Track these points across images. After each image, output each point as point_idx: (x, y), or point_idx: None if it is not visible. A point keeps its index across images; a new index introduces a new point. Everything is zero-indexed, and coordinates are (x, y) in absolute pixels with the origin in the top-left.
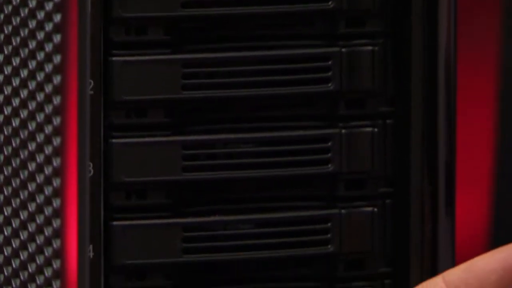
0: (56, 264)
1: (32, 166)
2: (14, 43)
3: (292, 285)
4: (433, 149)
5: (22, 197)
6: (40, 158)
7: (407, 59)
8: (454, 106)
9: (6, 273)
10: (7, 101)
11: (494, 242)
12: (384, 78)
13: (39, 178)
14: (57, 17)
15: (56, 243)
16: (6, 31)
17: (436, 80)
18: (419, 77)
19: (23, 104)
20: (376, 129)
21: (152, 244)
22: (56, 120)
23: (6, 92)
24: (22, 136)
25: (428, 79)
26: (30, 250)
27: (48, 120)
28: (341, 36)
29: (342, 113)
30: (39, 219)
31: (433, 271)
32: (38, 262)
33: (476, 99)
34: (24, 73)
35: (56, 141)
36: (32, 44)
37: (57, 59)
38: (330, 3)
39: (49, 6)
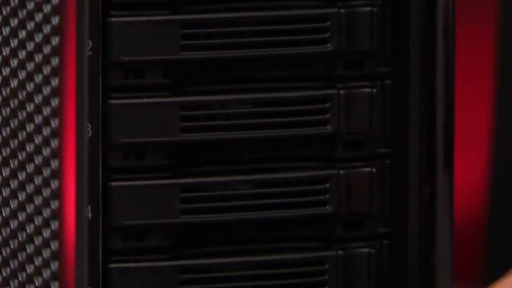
0: (54, 225)
1: (30, 127)
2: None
3: (290, 246)
4: (431, 110)
5: (20, 158)
6: (38, 119)
7: (406, 20)
8: (453, 66)
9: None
10: (5, 62)
11: (493, 203)
12: (383, 39)
13: (37, 139)
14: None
15: (54, 204)
16: None
17: (434, 40)
18: (417, 38)
19: (21, 65)
20: (374, 90)
21: (151, 204)
22: (54, 81)
23: (4, 53)
24: (20, 97)
25: (427, 40)
26: (28, 211)
27: (46, 81)
28: None
29: (340, 74)
30: (37, 180)
31: (431, 232)
32: (36, 223)
33: (474, 59)
34: (22, 34)
35: (54, 102)
36: (31, 5)
37: (55, 20)
38: None
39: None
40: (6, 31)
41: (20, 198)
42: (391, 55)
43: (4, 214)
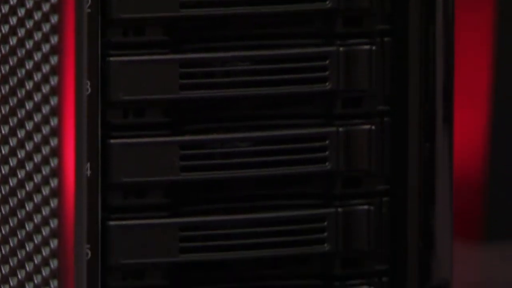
0: (53, 182)
1: (29, 85)
2: None
3: (289, 203)
4: (431, 67)
5: (19, 116)
6: (37, 77)
7: None
8: (452, 23)
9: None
10: (5, 19)
11: (492, 160)
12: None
13: (36, 97)
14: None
15: (53, 162)
16: None
17: None
18: None
19: (20, 22)
20: (374, 47)
21: (150, 162)
22: (53, 39)
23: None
24: (18, 55)
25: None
26: (27, 168)
27: (45, 39)
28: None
29: (339, 31)
30: (37, 138)
31: (431, 189)
32: (35, 180)
33: (474, 15)
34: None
35: (54, 60)
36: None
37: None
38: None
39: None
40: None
41: (19, 156)
42: (390, 11)
43: (3, 172)
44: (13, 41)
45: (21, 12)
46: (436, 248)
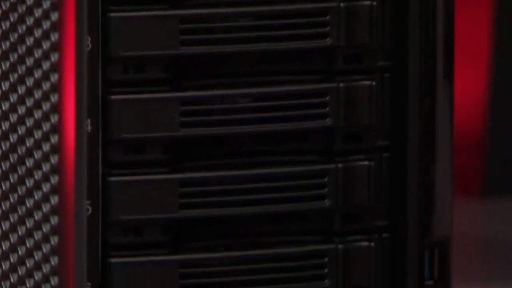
0: (54, 139)
1: (30, 41)
2: None
3: (289, 159)
4: (431, 21)
5: (19, 72)
6: (38, 33)
7: None
8: None
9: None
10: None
11: (493, 116)
12: None
13: (37, 53)
14: None
15: (54, 118)
16: None
17: None
18: None
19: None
20: (374, 3)
21: (150, 117)
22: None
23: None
24: (19, 11)
25: None
26: (28, 124)
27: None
28: None
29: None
30: (37, 94)
31: (431, 145)
32: (36, 137)
33: None
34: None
35: (54, 16)
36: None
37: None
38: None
39: None
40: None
41: (19, 112)
42: None
43: (3, 128)
44: None
45: None
46: (436, 203)
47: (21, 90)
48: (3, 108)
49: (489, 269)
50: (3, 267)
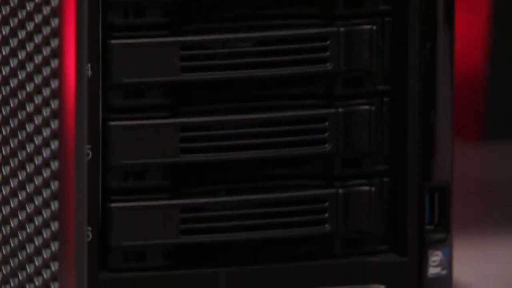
0: (54, 83)
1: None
2: None
3: (290, 104)
4: None
5: (20, 16)
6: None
7: None
8: None
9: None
10: None
11: (493, 60)
12: None
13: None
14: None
15: (54, 63)
16: None
17: None
18: None
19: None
20: None
21: (151, 63)
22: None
23: None
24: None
25: None
26: (28, 69)
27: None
28: None
29: None
30: (37, 39)
31: (431, 89)
32: (36, 81)
33: None
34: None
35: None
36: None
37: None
38: None
39: None
40: None
41: (20, 57)
42: None
43: (3, 73)
44: None
45: None
46: (436, 148)
47: (21, 34)
48: (3, 53)
49: (489, 214)
50: (3, 212)
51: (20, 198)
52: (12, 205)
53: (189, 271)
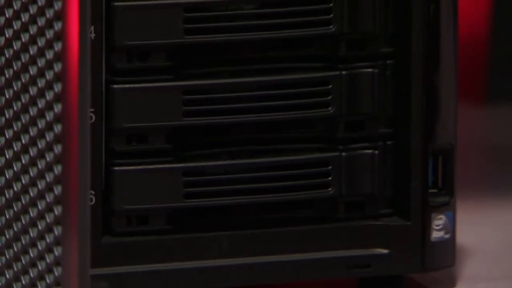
0: (57, 46)
1: None
2: None
3: (294, 66)
4: None
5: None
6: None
7: None
8: None
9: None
10: None
11: (496, 22)
12: None
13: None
14: None
15: (57, 26)
16: None
17: None
18: None
19: None
20: None
21: (154, 25)
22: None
23: None
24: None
25: None
26: (31, 32)
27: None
28: None
29: None
30: (41, 1)
31: (435, 51)
32: (39, 44)
33: None
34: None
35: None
36: None
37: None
38: None
39: None
40: None
41: (23, 19)
42: None
43: (7, 36)
44: None
45: None
46: (440, 110)
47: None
48: (7, 15)
49: (492, 176)
50: (6, 176)
51: (23, 161)
52: (15, 169)
53: (191, 235)
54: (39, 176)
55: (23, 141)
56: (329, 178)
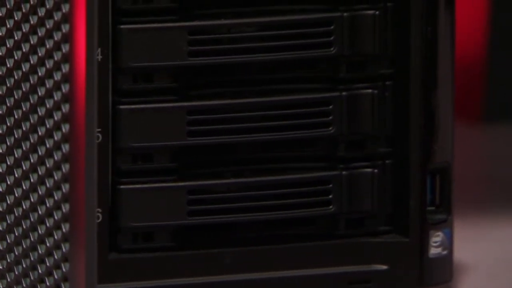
0: (65, 68)
1: None
2: None
3: (296, 87)
4: None
5: (31, 2)
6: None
7: None
8: None
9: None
10: None
11: (493, 42)
12: None
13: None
14: None
15: (65, 48)
16: None
17: None
18: None
19: None
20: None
21: (159, 47)
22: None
23: None
24: None
25: None
26: (39, 54)
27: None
28: None
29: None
30: (49, 24)
31: (433, 71)
32: (47, 66)
33: None
34: None
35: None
36: None
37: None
38: None
39: None
40: None
41: (31, 42)
42: None
43: (16, 58)
44: None
45: None
46: (437, 130)
47: (33, 20)
48: (16, 38)
49: (489, 193)
50: (16, 194)
51: (32, 180)
52: (24, 187)
53: (195, 252)
54: (47, 194)
55: (32, 161)
56: (330, 196)
